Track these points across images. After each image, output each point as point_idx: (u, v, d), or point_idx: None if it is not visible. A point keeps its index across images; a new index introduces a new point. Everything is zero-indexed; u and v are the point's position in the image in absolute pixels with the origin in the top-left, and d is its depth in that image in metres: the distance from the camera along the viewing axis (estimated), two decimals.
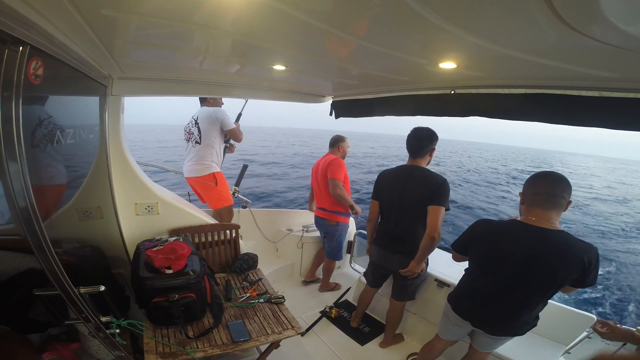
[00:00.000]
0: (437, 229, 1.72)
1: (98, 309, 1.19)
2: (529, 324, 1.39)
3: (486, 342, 1.54)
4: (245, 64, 1.46)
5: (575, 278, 1.21)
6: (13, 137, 0.74)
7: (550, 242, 1.22)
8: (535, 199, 1.28)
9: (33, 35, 0.74)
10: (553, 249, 1.21)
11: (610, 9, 0.52)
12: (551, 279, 1.23)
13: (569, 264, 1.19)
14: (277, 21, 0.82)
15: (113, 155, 1.77)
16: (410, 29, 0.80)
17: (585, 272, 1.19)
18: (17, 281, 1.31)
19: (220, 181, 2.67)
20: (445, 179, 1.78)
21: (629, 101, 1.04)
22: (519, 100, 1.31)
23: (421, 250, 1.80)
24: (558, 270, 1.21)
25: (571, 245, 1.20)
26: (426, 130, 1.86)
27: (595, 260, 1.18)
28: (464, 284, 1.55)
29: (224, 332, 1.55)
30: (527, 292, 1.30)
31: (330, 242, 2.77)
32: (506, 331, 1.43)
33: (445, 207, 1.75)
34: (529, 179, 1.34)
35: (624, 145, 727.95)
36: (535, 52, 0.86)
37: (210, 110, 2.61)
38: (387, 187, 1.97)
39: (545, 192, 1.26)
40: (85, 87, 1.42)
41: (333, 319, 2.46)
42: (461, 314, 1.53)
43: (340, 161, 2.59)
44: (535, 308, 1.35)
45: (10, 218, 1.49)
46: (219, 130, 2.64)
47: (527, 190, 1.33)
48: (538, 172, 1.34)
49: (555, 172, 1.29)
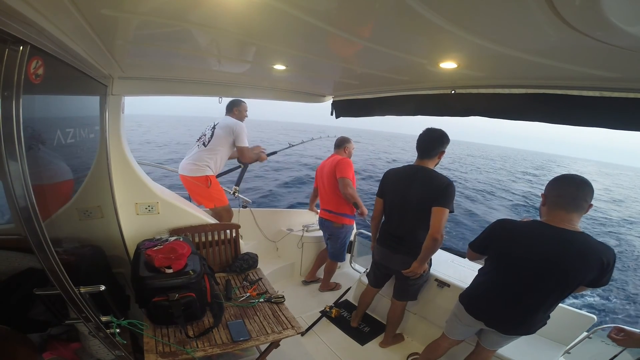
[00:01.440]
0: (439, 230, 1.71)
1: (98, 308, 1.19)
2: (542, 322, 1.42)
3: (495, 340, 1.55)
4: (246, 63, 1.46)
5: (592, 278, 1.24)
6: (13, 136, 0.74)
7: (571, 243, 1.24)
8: (559, 201, 1.29)
9: (33, 35, 0.74)
10: (574, 250, 1.23)
11: (611, 9, 0.52)
12: (571, 279, 1.25)
13: (588, 264, 1.21)
14: (277, 21, 0.82)
15: (113, 155, 1.77)
16: (410, 29, 0.80)
17: (602, 272, 1.22)
18: (17, 281, 1.31)
19: (214, 184, 2.65)
20: (451, 181, 1.77)
21: (629, 101, 1.04)
22: (519, 100, 1.31)
23: (424, 251, 1.80)
24: (578, 271, 1.23)
25: (591, 246, 1.22)
26: (439, 131, 1.83)
27: (613, 261, 1.21)
28: (480, 284, 1.54)
29: (224, 332, 1.55)
30: (547, 292, 1.32)
31: (334, 244, 2.76)
32: (521, 330, 1.44)
33: (449, 209, 1.73)
34: (553, 181, 1.35)
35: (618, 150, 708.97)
36: (535, 52, 0.86)
37: (231, 121, 2.63)
38: (392, 186, 1.96)
39: (569, 195, 1.27)
40: (85, 87, 1.43)
41: (333, 319, 2.46)
42: (476, 315, 1.52)
43: (348, 161, 2.58)
44: (550, 307, 1.37)
45: (10, 218, 1.49)
46: (230, 142, 2.63)
47: (550, 192, 1.33)
48: (562, 175, 1.34)
49: (579, 176, 1.29)
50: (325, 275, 2.95)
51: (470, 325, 1.58)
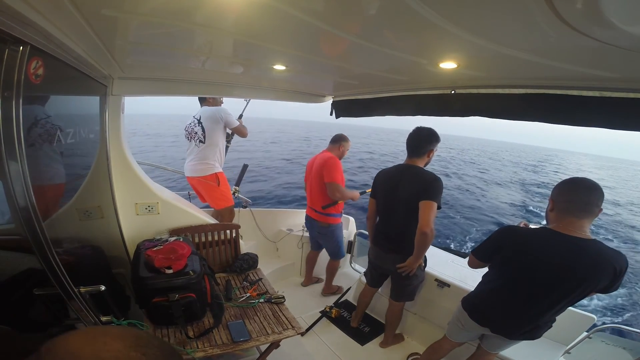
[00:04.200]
0: (428, 224, 1.68)
1: (98, 308, 1.19)
2: (547, 327, 1.39)
3: (498, 344, 1.54)
4: (246, 63, 1.46)
5: (604, 285, 1.20)
6: (13, 137, 0.74)
7: (584, 252, 1.19)
8: (569, 206, 1.23)
9: (33, 35, 0.74)
10: (587, 259, 1.18)
11: (610, 9, 0.52)
12: (582, 288, 1.21)
13: (601, 273, 1.17)
14: (277, 21, 0.82)
15: (113, 155, 1.77)
16: (410, 28, 0.80)
17: (614, 279, 1.18)
18: (17, 281, 1.31)
19: (222, 181, 2.67)
20: (438, 177, 1.77)
21: (629, 101, 1.03)
22: (519, 100, 1.31)
23: (416, 247, 1.78)
24: (590, 280, 1.19)
25: (604, 254, 1.18)
26: (427, 130, 1.84)
27: (625, 268, 1.17)
28: (485, 292, 1.50)
29: (224, 332, 1.55)
30: (557, 300, 1.27)
31: (327, 242, 2.72)
32: (527, 335, 1.41)
33: (437, 203, 1.72)
34: (560, 185, 1.28)
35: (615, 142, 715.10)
36: (535, 51, 0.86)
37: (213, 109, 2.62)
38: (382, 186, 1.97)
39: (580, 201, 1.21)
40: (85, 87, 1.43)
41: (333, 319, 2.46)
42: (481, 322, 1.49)
43: (336, 161, 2.47)
44: (558, 313, 1.34)
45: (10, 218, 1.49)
46: (222, 129, 2.64)
47: (558, 197, 1.26)
48: (570, 179, 1.27)
49: (589, 179, 1.23)
50: (328, 277, 2.90)
51: (473, 330, 1.56)
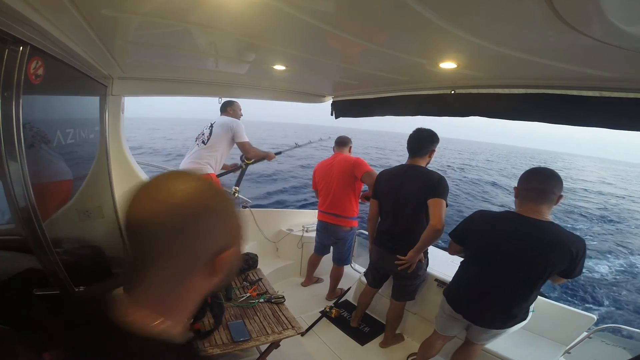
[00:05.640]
0: (441, 221, 1.69)
1: None
2: (519, 317, 1.43)
3: (475, 334, 1.58)
4: (246, 63, 1.46)
5: (564, 268, 1.27)
6: (13, 137, 0.74)
7: (540, 232, 1.27)
8: (528, 194, 1.33)
9: (33, 35, 0.74)
10: (543, 239, 1.26)
11: (610, 9, 0.52)
12: (540, 268, 1.28)
13: (557, 253, 1.25)
14: (277, 21, 0.82)
15: (113, 155, 1.77)
16: (410, 29, 0.80)
17: (572, 262, 1.24)
18: (17, 281, 1.31)
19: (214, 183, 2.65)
20: (443, 176, 1.78)
21: (629, 101, 1.04)
22: (519, 100, 1.32)
23: (422, 241, 1.77)
24: (547, 260, 1.26)
25: (560, 236, 1.26)
26: (428, 131, 1.85)
27: (582, 251, 1.24)
28: (459, 277, 1.59)
29: (224, 332, 1.55)
30: (517, 281, 1.34)
31: (341, 248, 2.67)
32: (496, 324, 1.45)
33: (445, 200, 1.73)
34: (523, 174, 1.38)
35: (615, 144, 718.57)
36: (535, 52, 0.86)
37: (228, 119, 2.63)
38: (385, 187, 1.97)
39: (536, 188, 1.31)
40: (85, 87, 1.43)
41: (333, 319, 2.45)
42: (455, 307, 1.56)
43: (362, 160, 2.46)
44: (526, 300, 1.39)
45: (10, 218, 1.49)
46: (229, 139, 2.62)
47: (519, 185, 1.38)
48: (531, 169, 1.37)
49: (547, 169, 1.33)
50: (333, 283, 2.84)
51: (454, 318, 1.59)
